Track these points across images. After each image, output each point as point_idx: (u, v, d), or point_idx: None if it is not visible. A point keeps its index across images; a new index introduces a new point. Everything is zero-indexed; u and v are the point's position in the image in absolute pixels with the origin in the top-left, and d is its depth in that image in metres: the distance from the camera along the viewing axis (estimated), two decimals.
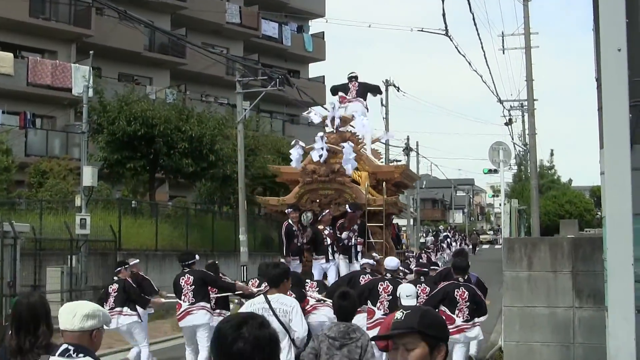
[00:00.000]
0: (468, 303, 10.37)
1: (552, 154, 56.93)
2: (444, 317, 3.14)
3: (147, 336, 12.49)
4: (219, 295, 12.17)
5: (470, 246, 59.81)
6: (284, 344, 6.92)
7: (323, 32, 52.87)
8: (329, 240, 14.02)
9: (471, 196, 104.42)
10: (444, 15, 16.57)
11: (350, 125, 15.72)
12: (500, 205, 26.69)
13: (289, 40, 48.99)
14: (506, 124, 48.87)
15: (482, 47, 51.39)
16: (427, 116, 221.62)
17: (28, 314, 4.82)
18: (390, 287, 10.62)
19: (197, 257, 12.51)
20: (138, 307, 12.21)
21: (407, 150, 51.37)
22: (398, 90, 44.10)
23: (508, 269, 8.97)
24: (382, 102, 45.36)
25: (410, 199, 57.79)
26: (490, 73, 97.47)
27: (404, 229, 15.91)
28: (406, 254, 20.14)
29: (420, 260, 19.34)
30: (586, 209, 45.17)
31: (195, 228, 27.23)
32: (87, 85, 21.95)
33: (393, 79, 44.37)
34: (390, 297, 10.50)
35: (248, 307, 7.30)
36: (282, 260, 12.16)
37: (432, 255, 28.36)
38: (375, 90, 17.93)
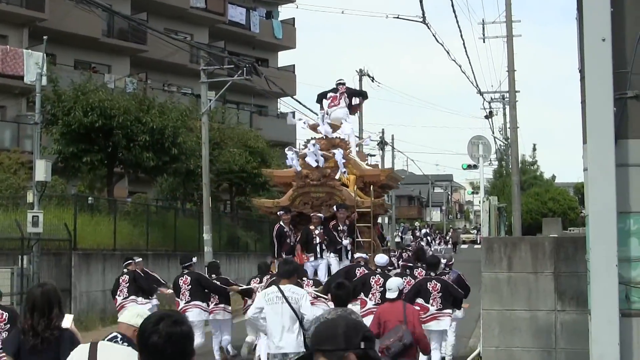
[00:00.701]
0: (440, 294, 12.54)
1: (534, 149, 56.97)
2: (349, 323, 3.20)
3: None
4: (242, 288, 14.77)
5: (451, 244, 60.27)
6: (295, 327, 9.14)
7: (293, 19, 52.85)
8: (318, 240, 15.92)
9: (449, 193, 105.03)
10: (421, 1, 16.62)
11: (339, 132, 17.62)
12: (480, 202, 26.85)
13: (257, 27, 48.90)
14: (486, 116, 49.26)
15: (462, 35, 51.40)
16: (403, 108, 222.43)
17: (42, 299, 5.90)
18: (382, 280, 12.47)
19: (194, 259, 14.92)
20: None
21: (382, 144, 51.53)
22: (372, 81, 44.27)
23: (487, 270, 9.03)
24: None
25: (385, 196, 58.00)
26: (469, 63, 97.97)
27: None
28: (390, 252, 22.23)
29: (401, 259, 21.28)
30: (570, 207, 45.56)
31: (157, 226, 27.11)
32: (40, 73, 21.72)
33: (367, 68, 44.39)
34: (382, 289, 12.16)
35: (262, 296, 9.37)
36: (275, 261, 14.50)
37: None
38: (362, 95, 19.84)
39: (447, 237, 62.55)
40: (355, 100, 18.73)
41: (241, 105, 47.58)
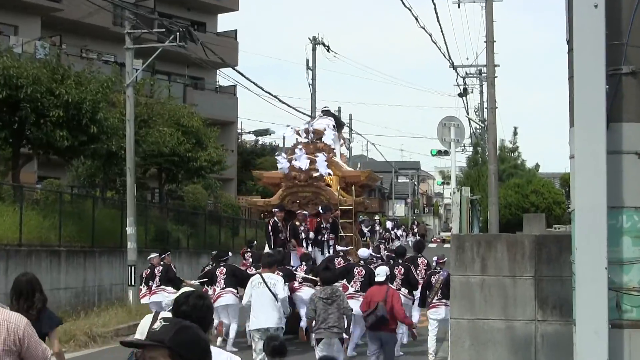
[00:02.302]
0: (403, 277, 17.72)
1: (515, 133, 57.55)
2: (206, 339, 3.59)
3: None
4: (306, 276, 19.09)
5: (418, 237, 60.70)
6: (275, 306, 13.81)
7: None
8: (303, 235, 21.02)
9: (416, 183, 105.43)
10: None
11: (323, 137, 22.62)
12: (450, 194, 27.01)
13: None
14: (460, 94, 49.51)
15: None
16: (363, 84, 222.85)
17: (25, 285, 8.06)
18: (364, 271, 17.28)
19: (230, 254, 21.76)
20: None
21: (338, 125, 51.59)
22: (328, 51, 44.25)
23: (457, 273, 9.06)
24: (307, 65, 45.43)
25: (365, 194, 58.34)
26: (442, 31, 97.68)
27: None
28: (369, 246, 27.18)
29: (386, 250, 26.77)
30: (555, 201, 46.11)
31: (71, 218, 26.78)
32: None
33: (322, 36, 44.34)
34: (363, 278, 17.00)
35: (249, 284, 14.08)
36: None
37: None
38: (340, 125, 26.04)
39: (415, 229, 63.39)
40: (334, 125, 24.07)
41: (173, 76, 47.24)
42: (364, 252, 18.53)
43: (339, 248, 19.94)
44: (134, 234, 25.35)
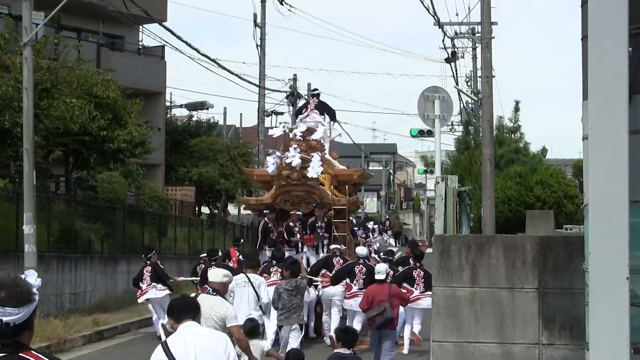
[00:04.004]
0: (423, 280, 21.06)
1: (516, 109, 57.38)
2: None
3: None
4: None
5: (392, 237, 61.29)
6: (257, 303, 17.55)
7: None
8: (298, 236, 25.78)
9: (391, 172, 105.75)
10: None
11: (315, 135, 26.68)
12: (434, 185, 27.07)
13: None
14: (448, 60, 49.63)
15: None
16: (325, 46, 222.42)
17: None
18: (364, 269, 21.64)
19: (220, 253, 26.72)
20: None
21: (293, 97, 51.50)
22: (281, 3, 44.32)
23: (440, 284, 9.06)
24: (255, 21, 45.31)
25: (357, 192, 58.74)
26: None
27: (265, 211, 26.60)
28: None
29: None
30: (567, 195, 46.16)
31: None
32: None
33: None
34: (365, 276, 21.29)
35: (235, 280, 16.62)
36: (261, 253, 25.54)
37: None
38: (331, 114, 29.65)
39: (387, 226, 63.98)
40: (325, 117, 28.65)
41: (84, 33, 46.91)
42: (362, 250, 23.19)
43: (334, 246, 24.25)
44: (32, 234, 25.05)
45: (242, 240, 33.14)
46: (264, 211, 25.93)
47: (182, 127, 57.65)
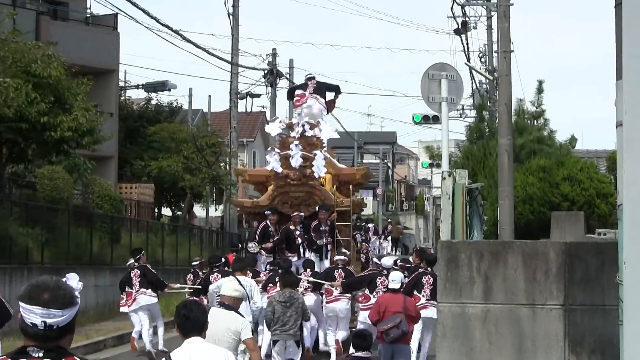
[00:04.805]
0: (432, 287, 21.94)
1: (540, 90, 57.28)
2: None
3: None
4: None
5: (389, 242, 61.62)
6: (248, 309, 19.12)
7: None
8: (300, 240, 27.39)
9: (390, 165, 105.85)
10: None
11: (316, 131, 28.47)
12: (441, 181, 27.01)
13: None
14: (457, 31, 49.72)
15: None
16: (311, 15, 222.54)
17: None
18: (387, 281, 21.32)
19: (222, 259, 26.86)
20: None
21: (273, 75, 51.48)
22: None
23: (446, 300, 9.06)
24: None
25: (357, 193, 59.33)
26: None
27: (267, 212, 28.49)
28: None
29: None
30: (600, 193, 46.03)
31: None
32: None
33: None
34: (386, 289, 21.14)
35: (224, 282, 17.94)
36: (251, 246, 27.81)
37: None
38: (335, 89, 31.38)
39: (386, 231, 64.49)
40: (329, 96, 30.20)
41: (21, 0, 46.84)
42: (388, 260, 25.00)
43: (337, 257, 25.77)
44: None
45: (240, 245, 33.70)
46: (266, 212, 27.91)
47: (139, 112, 57.65)
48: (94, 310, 34.08)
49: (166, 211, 58.04)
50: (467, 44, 51.71)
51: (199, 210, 59.48)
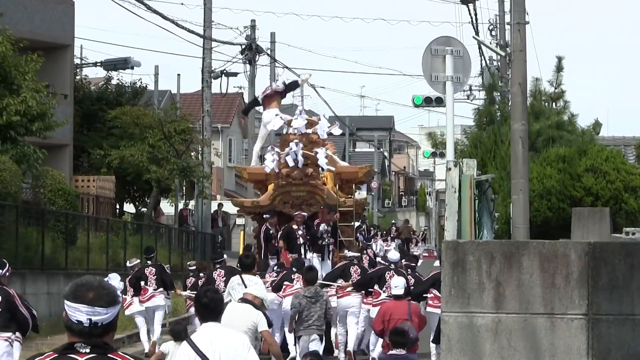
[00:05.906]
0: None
1: (559, 68, 57.36)
2: None
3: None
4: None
5: (396, 244, 62.10)
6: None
7: None
8: (301, 240, 30.14)
9: (386, 155, 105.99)
10: None
11: (316, 127, 31.76)
12: (445, 172, 27.06)
13: None
14: (464, 1, 49.76)
15: None
16: None
17: None
18: (395, 275, 24.80)
19: (225, 256, 30.99)
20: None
21: (252, 51, 51.50)
22: None
23: (451, 309, 9.08)
24: None
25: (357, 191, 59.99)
26: None
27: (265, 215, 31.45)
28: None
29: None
30: (629, 186, 46.08)
31: None
32: None
33: None
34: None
35: (230, 282, 23.84)
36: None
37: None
38: (293, 86, 36.74)
39: (393, 233, 64.98)
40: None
41: None
42: (394, 255, 28.46)
43: (351, 254, 29.01)
44: None
45: (225, 256, 34.47)
46: (265, 216, 30.98)
47: (98, 94, 57.60)
48: (46, 321, 33.85)
49: (129, 207, 58.07)
50: (476, 14, 51.49)
51: (167, 207, 59.34)
